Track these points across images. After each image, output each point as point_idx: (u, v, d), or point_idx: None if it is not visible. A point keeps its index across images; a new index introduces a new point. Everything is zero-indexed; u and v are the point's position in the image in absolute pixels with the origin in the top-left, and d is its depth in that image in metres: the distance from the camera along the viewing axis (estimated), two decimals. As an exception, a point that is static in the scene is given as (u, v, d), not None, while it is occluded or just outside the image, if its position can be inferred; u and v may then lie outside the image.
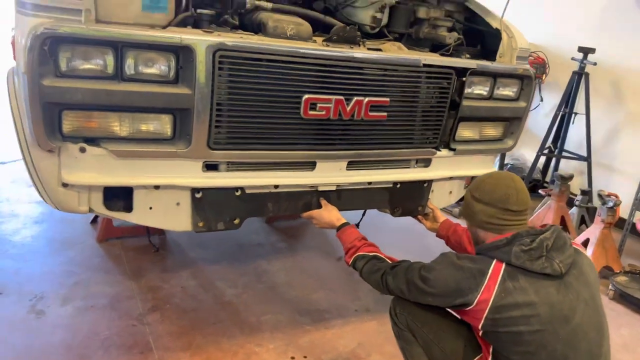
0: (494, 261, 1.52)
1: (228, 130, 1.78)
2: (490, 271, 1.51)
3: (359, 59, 1.86)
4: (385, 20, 2.14)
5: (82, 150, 1.67)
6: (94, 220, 3.19)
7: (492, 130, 2.38)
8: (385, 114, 1.98)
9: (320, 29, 2.07)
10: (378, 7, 2.09)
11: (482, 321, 1.51)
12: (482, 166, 2.44)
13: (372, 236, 2.02)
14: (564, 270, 1.49)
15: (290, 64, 1.77)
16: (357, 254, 1.89)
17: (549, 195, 3.75)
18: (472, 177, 2.44)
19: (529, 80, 2.30)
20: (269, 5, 1.91)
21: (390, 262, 1.81)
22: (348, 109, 1.89)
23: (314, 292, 2.77)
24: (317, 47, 1.82)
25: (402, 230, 3.41)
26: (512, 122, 2.40)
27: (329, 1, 2.22)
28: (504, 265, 1.51)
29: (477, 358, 1.64)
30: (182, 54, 1.65)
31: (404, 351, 1.77)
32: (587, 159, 4.10)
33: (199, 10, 1.78)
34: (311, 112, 1.85)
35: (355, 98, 1.90)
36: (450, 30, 2.21)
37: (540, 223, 3.69)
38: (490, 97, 2.26)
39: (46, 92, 1.53)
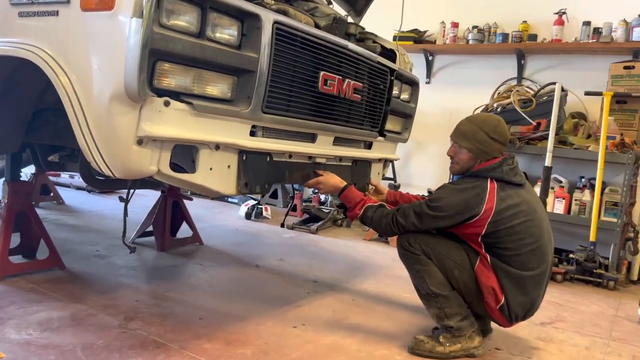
0: (488, 180, 2.15)
1: (275, 96, 2.04)
2: (488, 187, 2.12)
3: (351, 50, 2.39)
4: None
5: (167, 103, 1.70)
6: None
7: (397, 125, 3.13)
8: (360, 96, 2.52)
9: None
10: (329, 20, 2.66)
11: (486, 226, 2.08)
12: (391, 152, 3.15)
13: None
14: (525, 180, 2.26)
15: (317, 45, 2.17)
16: (366, 205, 2.30)
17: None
18: (385, 162, 3.14)
19: (417, 86, 3.17)
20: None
21: (392, 208, 2.29)
22: (343, 87, 2.37)
23: (265, 287, 2.93)
24: (335, 37, 2.28)
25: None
26: (407, 119, 3.20)
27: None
28: (496, 182, 2.15)
29: (478, 259, 2.21)
30: (247, 22, 1.90)
31: (419, 273, 2.21)
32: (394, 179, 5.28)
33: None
34: (325, 87, 2.26)
35: (347, 80, 2.39)
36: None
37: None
38: (398, 97, 3.02)
39: (155, 38, 1.58)
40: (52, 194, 4.63)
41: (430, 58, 5.16)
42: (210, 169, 1.90)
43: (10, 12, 1.83)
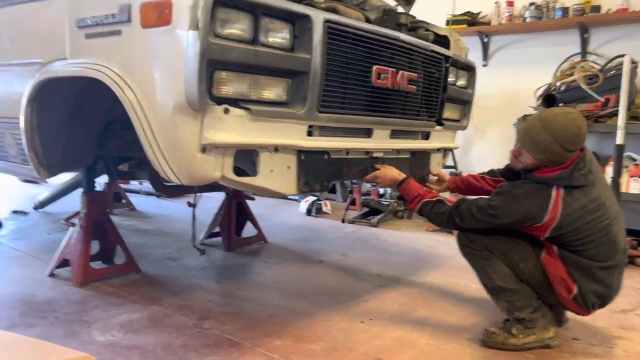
0: (554, 187, 1.96)
1: (329, 95, 2.05)
2: (553, 195, 1.95)
3: (404, 40, 2.36)
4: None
5: (226, 111, 1.75)
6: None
7: (455, 112, 3.06)
8: (415, 87, 2.48)
9: None
10: (378, 12, 2.63)
11: (548, 232, 1.98)
12: (451, 141, 3.09)
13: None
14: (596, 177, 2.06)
15: (369, 40, 2.16)
16: (423, 200, 2.27)
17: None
18: (444, 152, 3.08)
19: (474, 71, 3.08)
20: None
21: (450, 204, 2.23)
22: (397, 79, 2.34)
23: (330, 283, 2.97)
24: (386, 30, 2.26)
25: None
26: (466, 106, 3.12)
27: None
28: (562, 188, 1.96)
29: (543, 250, 2.12)
30: (298, 24, 1.92)
31: (484, 268, 2.15)
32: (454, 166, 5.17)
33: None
34: (378, 81, 2.24)
35: (401, 71, 2.36)
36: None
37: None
38: (454, 84, 2.95)
39: (212, 49, 1.64)
40: (124, 201, 4.88)
41: (485, 40, 5.00)
42: (271, 170, 1.94)
43: (78, 35, 1.94)
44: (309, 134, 2.07)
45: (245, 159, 1.89)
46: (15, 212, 4.56)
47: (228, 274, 3.14)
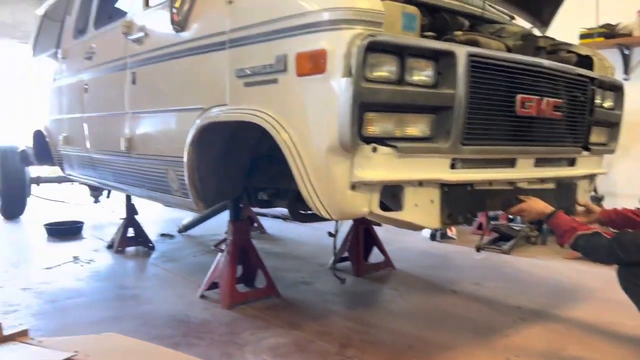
0: None
1: (473, 127, 2.04)
2: None
3: (547, 67, 2.28)
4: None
5: (374, 150, 1.82)
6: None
7: (602, 135, 2.85)
8: (560, 113, 2.37)
9: None
10: (517, 38, 2.56)
11: None
12: (597, 166, 2.88)
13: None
14: None
15: (511, 69, 2.13)
16: (577, 233, 2.13)
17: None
18: (591, 178, 2.88)
19: (621, 92, 2.86)
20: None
21: (608, 236, 2.08)
22: (542, 106, 2.26)
23: (466, 314, 2.89)
24: (528, 57, 2.21)
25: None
26: (613, 128, 2.91)
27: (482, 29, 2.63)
28: None
29: None
30: (442, 60, 1.94)
31: None
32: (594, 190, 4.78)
33: (425, 33, 2.11)
34: (523, 110, 2.18)
35: (545, 98, 2.28)
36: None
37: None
38: (601, 106, 2.76)
39: (363, 93, 1.72)
40: (255, 224, 5.20)
41: (626, 52, 4.62)
42: (416, 205, 1.97)
43: (237, 83, 2.15)
44: (452, 167, 2.07)
45: (389, 193, 1.94)
46: (162, 235, 5.06)
47: (361, 300, 3.20)
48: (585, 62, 2.73)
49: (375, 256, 3.85)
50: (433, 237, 4.90)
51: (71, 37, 3.95)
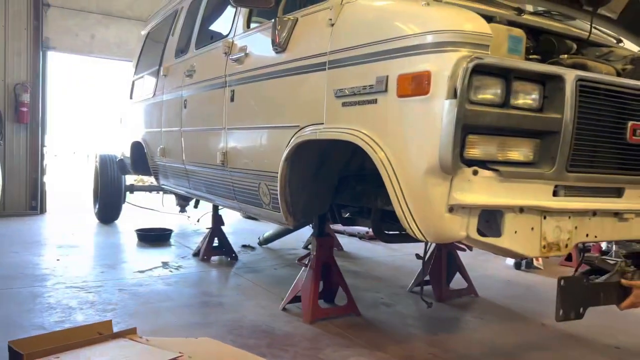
0: None
1: (579, 154, 1.96)
2: None
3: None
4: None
5: (475, 173, 1.79)
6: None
7: None
8: (674, 141, 2.21)
9: None
10: (626, 62, 2.43)
11: None
12: None
13: None
14: None
15: (622, 94, 2.02)
16: None
17: None
18: None
19: None
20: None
21: None
22: (655, 135, 2.12)
23: (561, 350, 2.74)
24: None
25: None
26: None
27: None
28: None
29: None
30: (549, 84, 1.89)
31: None
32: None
33: (530, 56, 2.06)
34: (634, 137, 2.06)
35: (658, 126, 2.14)
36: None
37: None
38: None
39: (467, 115, 1.71)
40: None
41: None
42: (515, 232, 1.90)
43: (335, 103, 2.20)
44: (555, 194, 1.99)
45: (487, 218, 1.89)
46: (244, 246, 5.22)
47: (443, 326, 3.12)
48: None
49: (457, 282, 3.75)
50: (518, 265, 4.69)
51: (173, 56, 4.23)
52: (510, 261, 4.80)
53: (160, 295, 3.47)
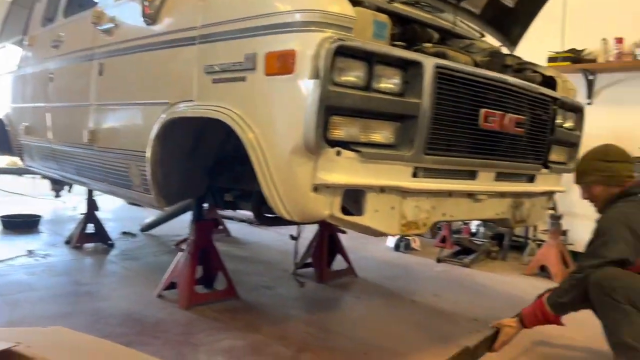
0: None
1: (436, 138, 2.07)
2: None
3: (512, 83, 2.34)
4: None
5: (338, 153, 1.83)
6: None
7: (562, 155, 2.94)
8: (522, 129, 2.44)
9: None
10: (485, 54, 2.63)
11: None
12: (556, 184, 2.96)
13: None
14: None
15: (477, 83, 2.17)
16: (547, 302, 2.30)
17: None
18: (549, 196, 2.96)
19: (582, 113, 2.96)
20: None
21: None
22: (505, 122, 2.31)
23: (423, 323, 2.92)
24: (494, 73, 2.27)
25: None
26: (573, 148, 3.00)
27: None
28: None
29: None
30: (409, 70, 1.97)
31: (617, 322, 2.06)
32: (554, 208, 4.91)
33: (395, 42, 2.14)
34: (486, 124, 2.23)
35: (508, 114, 2.33)
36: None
37: (542, 262, 4.27)
38: (561, 126, 2.85)
39: (330, 96, 1.73)
40: (221, 227, 5.13)
41: (590, 78, 4.78)
42: (376, 211, 1.98)
43: (205, 79, 2.13)
44: (414, 175, 2.10)
45: (351, 198, 1.94)
46: (124, 233, 4.94)
47: (322, 306, 3.20)
48: (549, 82, 2.81)
49: (339, 263, 3.86)
50: (397, 247, 4.94)
51: (39, 24, 3.86)
52: (391, 243, 5.04)
53: (21, 286, 3.17)
